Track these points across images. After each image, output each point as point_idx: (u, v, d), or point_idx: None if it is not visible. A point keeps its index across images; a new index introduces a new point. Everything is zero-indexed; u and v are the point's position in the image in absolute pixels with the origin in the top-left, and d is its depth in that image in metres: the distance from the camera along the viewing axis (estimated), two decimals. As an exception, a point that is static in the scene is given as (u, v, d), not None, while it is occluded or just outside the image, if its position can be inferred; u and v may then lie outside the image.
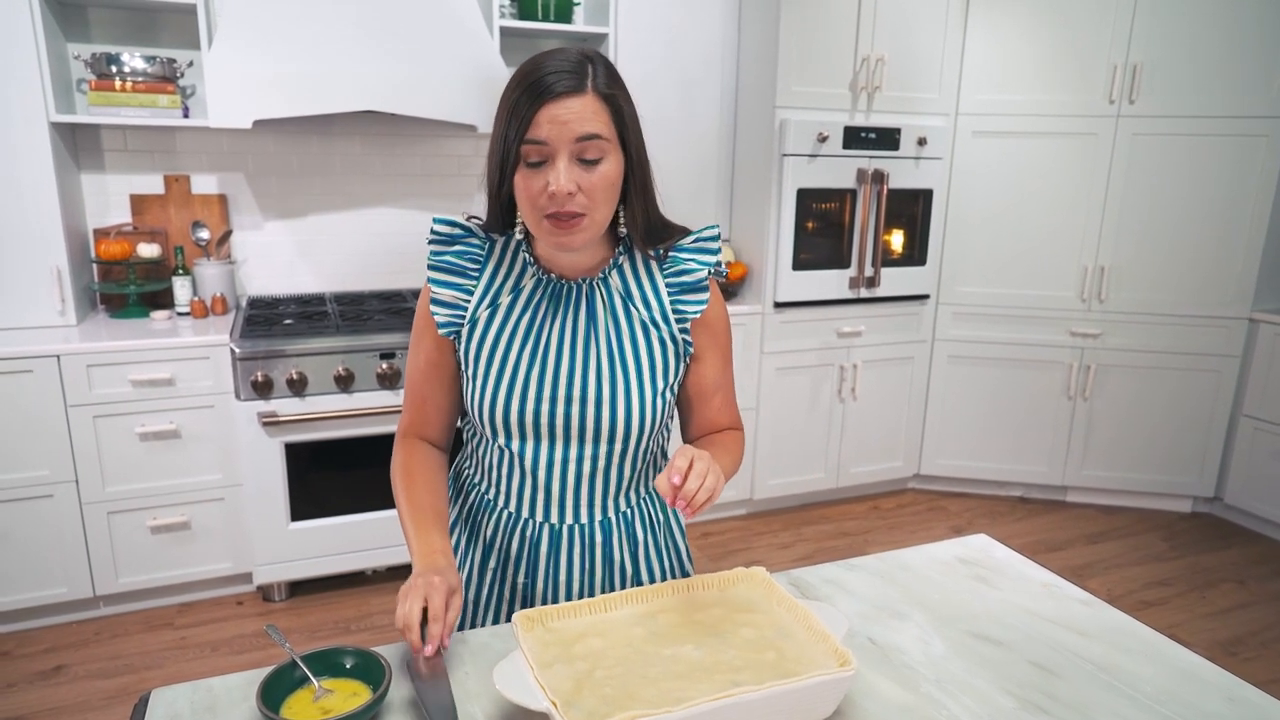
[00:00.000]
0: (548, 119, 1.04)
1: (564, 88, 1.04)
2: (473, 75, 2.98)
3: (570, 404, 1.17)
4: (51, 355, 2.59)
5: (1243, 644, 2.89)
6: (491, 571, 1.28)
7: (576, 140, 1.05)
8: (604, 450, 1.20)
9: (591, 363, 1.18)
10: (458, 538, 1.33)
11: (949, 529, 3.72)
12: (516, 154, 1.07)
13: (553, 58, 1.07)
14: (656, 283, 1.22)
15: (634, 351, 1.19)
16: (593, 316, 1.19)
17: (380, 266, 3.51)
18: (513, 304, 1.20)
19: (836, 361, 3.76)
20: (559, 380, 1.17)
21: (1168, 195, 3.61)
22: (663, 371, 1.20)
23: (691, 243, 1.22)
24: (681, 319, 1.22)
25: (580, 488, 1.22)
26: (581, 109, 1.05)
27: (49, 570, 2.71)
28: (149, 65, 2.87)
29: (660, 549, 1.31)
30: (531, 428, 1.18)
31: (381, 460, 2.93)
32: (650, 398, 1.19)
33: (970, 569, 1.42)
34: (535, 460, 1.20)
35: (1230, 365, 3.71)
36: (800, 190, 3.49)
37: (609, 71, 1.10)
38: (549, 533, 1.24)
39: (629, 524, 1.27)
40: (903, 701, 1.05)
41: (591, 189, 1.07)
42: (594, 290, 1.20)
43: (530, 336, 1.19)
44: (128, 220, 3.11)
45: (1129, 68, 3.52)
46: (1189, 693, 1.09)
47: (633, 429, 1.18)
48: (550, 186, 1.06)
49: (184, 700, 1.02)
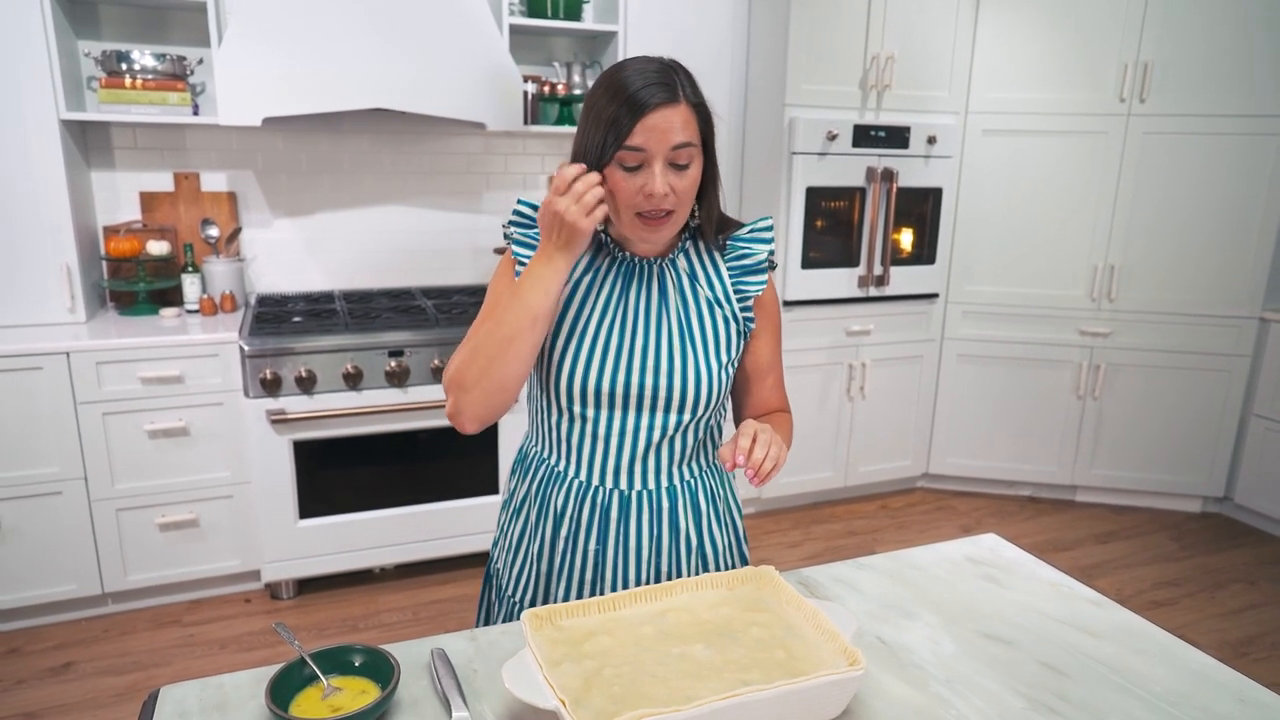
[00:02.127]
0: (646, 129, 1.13)
1: (660, 99, 1.13)
2: (482, 73, 2.98)
3: (644, 373, 1.25)
4: (61, 352, 2.60)
5: (1253, 645, 2.88)
6: (564, 540, 1.32)
7: (672, 148, 1.14)
8: (673, 419, 1.27)
9: (664, 336, 1.26)
10: (528, 513, 1.36)
11: (958, 528, 3.71)
12: (610, 158, 1.16)
13: (641, 70, 1.16)
14: (719, 266, 1.32)
15: (700, 326, 1.28)
16: (664, 294, 1.29)
17: (389, 264, 3.51)
18: (592, 281, 1.28)
19: (845, 360, 3.75)
20: (634, 351, 1.25)
21: (1178, 194, 3.59)
22: (726, 346, 1.30)
23: (748, 232, 1.33)
24: (744, 297, 1.32)
25: (649, 454, 1.29)
26: (676, 119, 1.14)
27: (58, 567, 2.72)
28: (159, 63, 2.87)
29: (722, 521, 1.38)
30: (607, 396, 1.25)
31: (390, 457, 2.95)
32: (716, 370, 1.28)
33: (980, 568, 1.41)
34: (609, 427, 1.27)
35: (1241, 365, 3.69)
36: (809, 188, 3.48)
37: (693, 81, 1.19)
38: (619, 499, 1.30)
39: (693, 493, 1.33)
40: (912, 701, 1.05)
41: (681, 190, 1.17)
42: (664, 270, 1.29)
43: (610, 310, 1.27)
44: (137, 218, 3.13)
45: (1140, 66, 3.50)
46: (1200, 694, 1.08)
47: (701, 398, 1.27)
48: (646, 188, 1.15)
49: (193, 697, 1.02)
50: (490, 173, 3.57)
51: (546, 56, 3.53)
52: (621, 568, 1.31)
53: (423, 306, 3.14)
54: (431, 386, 2.93)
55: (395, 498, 2.99)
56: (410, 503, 3.01)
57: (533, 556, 1.35)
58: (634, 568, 1.31)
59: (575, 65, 3.44)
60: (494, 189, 3.59)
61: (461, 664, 1.09)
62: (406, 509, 3.01)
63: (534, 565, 1.35)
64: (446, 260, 3.59)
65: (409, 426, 2.93)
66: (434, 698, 1.03)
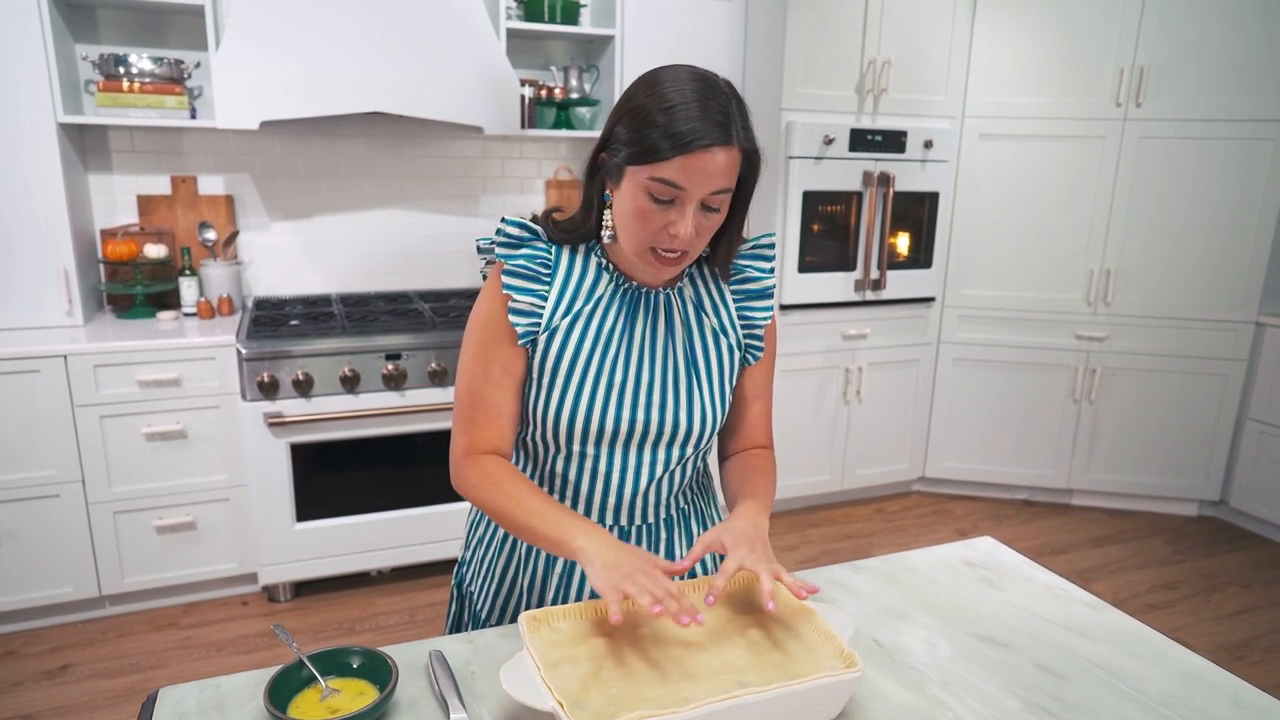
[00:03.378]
0: (690, 167, 1.03)
1: (712, 140, 1.03)
2: (479, 76, 2.98)
3: (649, 409, 1.20)
4: (58, 355, 2.60)
5: (1248, 648, 2.88)
6: (558, 577, 1.27)
7: (711, 193, 1.06)
8: (676, 454, 1.24)
9: (670, 369, 1.21)
10: (514, 547, 1.31)
11: (954, 532, 3.72)
12: (633, 166, 1.06)
13: (702, 95, 1.04)
14: (723, 291, 1.27)
15: (704, 357, 1.24)
16: (670, 325, 1.23)
17: (386, 268, 3.51)
18: (592, 312, 1.19)
19: (842, 364, 3.75)
20: (639, 387, 1.20)
21: (1174, 198, 3.60)
22: (729, 375, 1.26)
23: (749, 249, 1.27)
24: (750, 324, 1.27)
25: (649, 489, 1.25)
26: (723, 163, 1.04)
27: (55, 570, 2.71)
28: (156, 66, 2.88)
29: None
30: (610, 434, 1.20)
31: (386, 460, 2.95)
32: (720, 401, 1.24)
33: (976, 571, 1.42)
34: (610, 465, 1.22)
35: (1237, 369, 3.70)
36: (806, 193, 3.49)
37: (747, 120, 1.09)
38: (618, 535, 1.26)
39: (686, 519, 1.32)
40: (908, 703, 1.05)
41: (703, 232, 1.10)
42: (670, 300, 1.23)
43: (615, 343, 1.20)
44: (135, 221, 3.12)
45: (1136, 70, 3.52)
46: (1195, 696, 1.08)
47: (706, 431, 1.24)
48: (672, 229, 1.07)
49: (191, 699, 1.02)
50: (487, 176, 3.58)
51: (544, 60, 3.54)
52: None
53: (420, 310, 3.14)
54: (428, 390, 2.93)
55: (392, 501, 2.99)
56: (407, 506, 3.01)
57: (521, 590, 1.30)
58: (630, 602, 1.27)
59: (572, 69, 3.44)
60: (491, 193, 3.60)
61: (459, 666, 1.10)
62: (403, 512, 3.00)
63: (523, 598, 1.30)
64: (444, 264, 3.60)
65: (406, 430, 2.93)
66: (432, 699, 1.03)
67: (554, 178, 3.65)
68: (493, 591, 1.33)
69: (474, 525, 1.39)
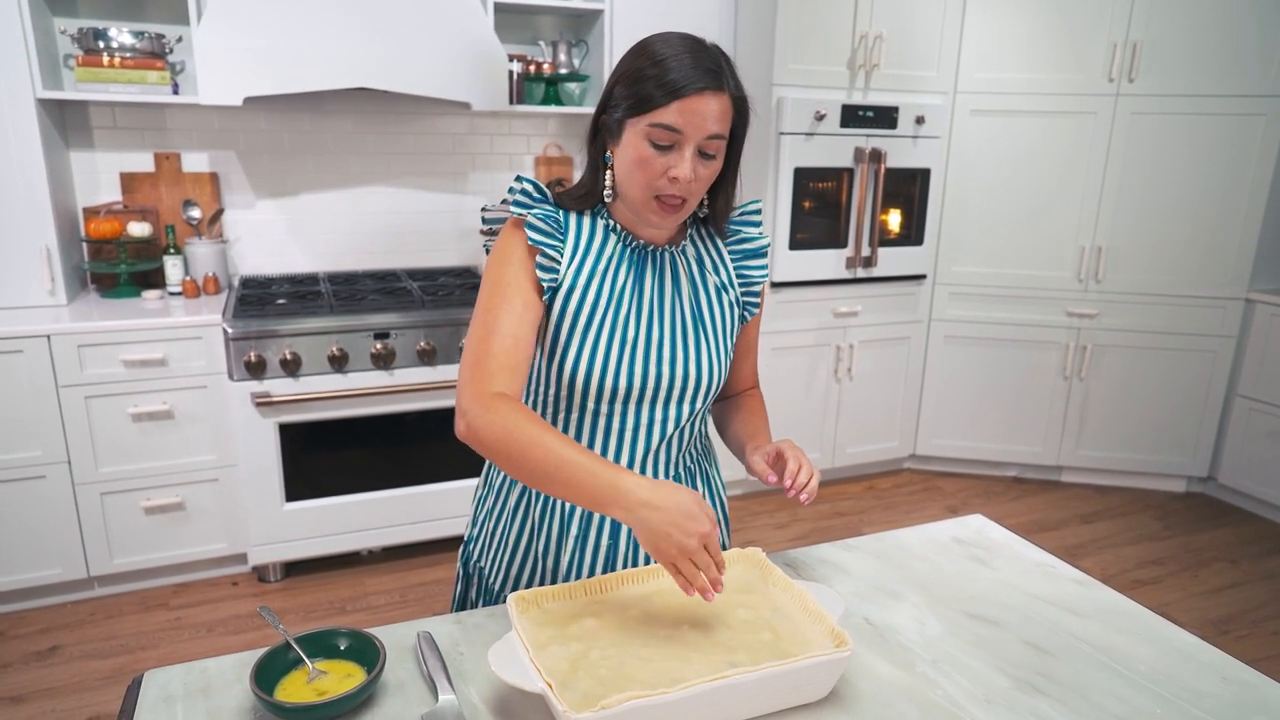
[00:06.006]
0: (687, 110, 1.09)
1: (706, 84, 1.10)
2: (466, 51, 2.94)
3: (660, 364, 1.23)
4: (42, 335, 2.57)
5: (1235, 622, 2.91)
6: (574, 539, 1.27)
7: (706, 137, 1.12)
8: (686, 409, 1.26)
9: (679, 325, 1.25)
10: (526, 513, 1.30)
11: (944, 509, 3.73)
12: (631, 118, 1.12)
13: (691, 49, 1.11)
14: (721, 252, 1.32)
15: (709, 313, 1.28)
16: (677, 282, 1.27)
17: (374, 245, 3.48)
18: (605, 270, 1.23)
19: (833, 341, 3.75)
20: (649, 343, 1.23)
21: (1166, 175, 3.60)
22: (731, 330, 1.31)
23: (738, 215, 1.33)
24: (749, 282, 1.33)
25: (661, 446, 1.27)
26: (717, 107, 1.11)
27: (43, 551, 2.70)
28: (137, 40, 2.83)
29: (714, 505, 1.38)
30: (624, 390, 1.22)
31: (376, 440, 2.94)
32: (723, 356, 1.28)
33: (966, 549, 1.42)
34: (623, 422, 1.24)
35: (1226, 345, 3.71)
36: (797, 169, 3.47)
37: (736, 73, 1.16)
38: None
39: (692, 478, 1.34)
40: (899, 681, 1.05)
41: (702, 179, 1.15)
42: (675, 258, 1.28)
43: (625, 301, 1.23)
44: (118, 199, 3.08)
45: (1128, 46, 3.49)
46: (1184, 672, 1.09)
47: (714, 384, 1.27)
48: (672, 172, 1.12)
49: (177, 681, 1.01)
50: (476, 153, 3.54)
51: (532, 35, 3.49)
52: (632, 563, 1.29)
53: (408, 288, 3.12)
54: (417, 369, 2.91)
55: (382, 480, 2.98)
56: (397, 485, 3.00)
57: (536, 555, 1.30)
58: (643, 560, 1.29)
59: (561, 44, 3.40)
60: (479, 169, 3.56)
61: (448, 647, 1.09)
62: (393, 491, 3.00)
63: (538, 564, 1.30)
64: (432, 241, 3.57)
65: (395, 409, 2.92)
66: (420, 681, 1.03)
67: (543, 154, 3.61)
68: (505, 562, 1.34)
69: (481, 500, 1.39)
